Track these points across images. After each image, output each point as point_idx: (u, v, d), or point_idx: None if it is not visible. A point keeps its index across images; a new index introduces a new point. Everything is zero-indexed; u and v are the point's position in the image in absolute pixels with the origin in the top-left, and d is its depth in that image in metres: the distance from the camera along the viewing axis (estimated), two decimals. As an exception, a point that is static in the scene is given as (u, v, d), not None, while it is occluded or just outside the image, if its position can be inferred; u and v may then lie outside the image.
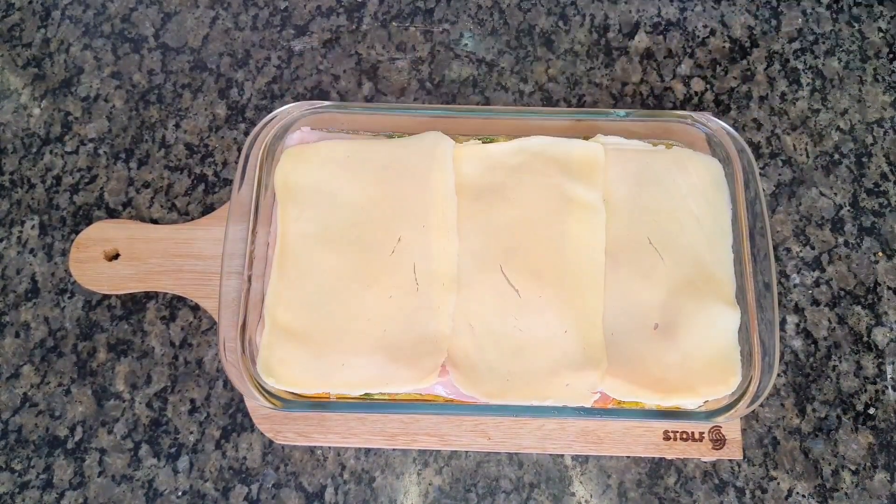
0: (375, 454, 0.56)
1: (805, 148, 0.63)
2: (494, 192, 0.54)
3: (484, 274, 0.52)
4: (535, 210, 0.53)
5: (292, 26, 0.68)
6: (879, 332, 0.58)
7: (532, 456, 0.55)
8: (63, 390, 0.58)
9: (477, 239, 0.53)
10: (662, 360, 0.50)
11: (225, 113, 0.65)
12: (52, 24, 0.69)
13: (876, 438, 0.55)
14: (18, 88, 0.67)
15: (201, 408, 0.57)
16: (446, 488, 0.55)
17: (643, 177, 0.54)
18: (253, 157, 0.53)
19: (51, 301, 0.60)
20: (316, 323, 0.51)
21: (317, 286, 0.52)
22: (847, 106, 0.65)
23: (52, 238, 0.62)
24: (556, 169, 0.54)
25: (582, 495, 0.55)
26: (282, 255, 0.53)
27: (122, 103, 0.66)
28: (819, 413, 0.56)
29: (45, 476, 0.56)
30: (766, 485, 0.55)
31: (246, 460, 0.56)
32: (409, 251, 0.52)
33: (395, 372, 0.49)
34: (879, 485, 0.54)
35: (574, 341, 0.50)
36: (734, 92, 0.65)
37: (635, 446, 0.54)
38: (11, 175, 0.64)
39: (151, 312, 0.60)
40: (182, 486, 0.55)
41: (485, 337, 0.51)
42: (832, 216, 0.61)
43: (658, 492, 0.54)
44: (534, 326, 0.51)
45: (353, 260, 0.52)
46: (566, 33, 0.68)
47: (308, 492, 0.55)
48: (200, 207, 0.63)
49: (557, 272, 0.51)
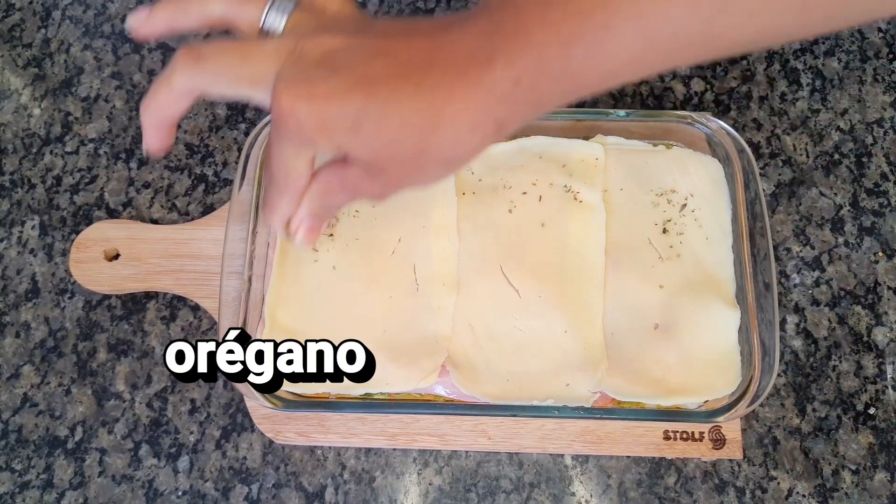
0: (375, 454, 0.56)
1: (805, 148, 0.63)
2: (494, 192, 0.54)
3: (484, 274, 0.52)
4: (535, 210, 0.53)
5: (292, 26, 0.68)
6: (879, 331, 0.58)
7: (532, 456, 0.55)
8: (63, 390, 0.58)
9: (477, 239, 0.53)
10: (662, 360, 0.50)
11: (225, 113, 0.66)
12: (53, 24, 0.69)
13: (876, 438, 0.55)
14: (19, 89, 0.67)
15: (201, 408, 0.57)
16: (446, 488, 0.55)
17: (643, 177, 0.54)
18: (253, 157, 0.53)
19: (51, 301, 0.60)
20: (316, 323, 0.51)
21: (317, 286, 0.52)
22: (847, 106, 0.65)
23: (52, 238, 0.62)
24: (556, 169, 0.54)
25: (582, 495, 0.55)
26: (282, 255, 0.53)
27: (122, 103, 0.66)
28: (819, 413, 0.56)
29: (45, 476, 0.56)
30: (766, 485, 0.55)
31: (246, 460, 0.56)
32: (409, 251, 0.52)
33: (395, 372, 0.49)
34: (879, 485, 0.54)
35: (574, 341, 0.50)
36: (734, 92, 0.65)
37: (635, 446, 0.54)
38: (12, 175, 0.64)
39: (151, 312, 0.60)
40: (182, 486, 0.55)
41: (485, 337, 0.51)
42: (832, 216, 0.61)
43: (658, 492, 0.54)
44: (534, 326, 0.51)
45: (353, 260, 0.52)
46: (566, 33, 0.68)
47: (308, 492, 0.55)
48: (200, 207, 0.63)
49: (557, 272, 0.51)
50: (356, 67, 0.31)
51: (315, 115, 0.31)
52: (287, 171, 0.34)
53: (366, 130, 0.31)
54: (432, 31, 0.32)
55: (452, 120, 0.31)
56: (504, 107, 0.31)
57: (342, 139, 0.31)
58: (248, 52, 0.34)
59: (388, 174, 0.34)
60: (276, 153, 0.34)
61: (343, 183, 0.35)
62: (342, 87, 0.30)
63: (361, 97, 0.30)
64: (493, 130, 0.32)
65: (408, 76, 0.30)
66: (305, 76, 0.31)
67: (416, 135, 0.31)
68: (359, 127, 0.31)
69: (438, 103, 0.30)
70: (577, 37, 0.29)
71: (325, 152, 0.33)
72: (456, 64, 0.30)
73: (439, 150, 0.32)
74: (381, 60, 0.31)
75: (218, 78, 0.34)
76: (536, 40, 0.30)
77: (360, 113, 0.30)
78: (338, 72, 0.31)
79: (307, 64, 0.32)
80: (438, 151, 0.32)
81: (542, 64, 0.30)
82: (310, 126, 0.31)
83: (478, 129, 0.31)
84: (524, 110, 0.32)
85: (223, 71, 0.34)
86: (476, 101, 0.30)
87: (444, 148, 0.32)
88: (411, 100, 0.30)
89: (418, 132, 0.31)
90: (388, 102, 0.30)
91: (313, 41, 0.32)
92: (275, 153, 0.34)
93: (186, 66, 0.34)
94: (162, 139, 0.37)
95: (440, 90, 0.30)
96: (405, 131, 0.31)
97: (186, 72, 0.34)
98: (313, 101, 0.30)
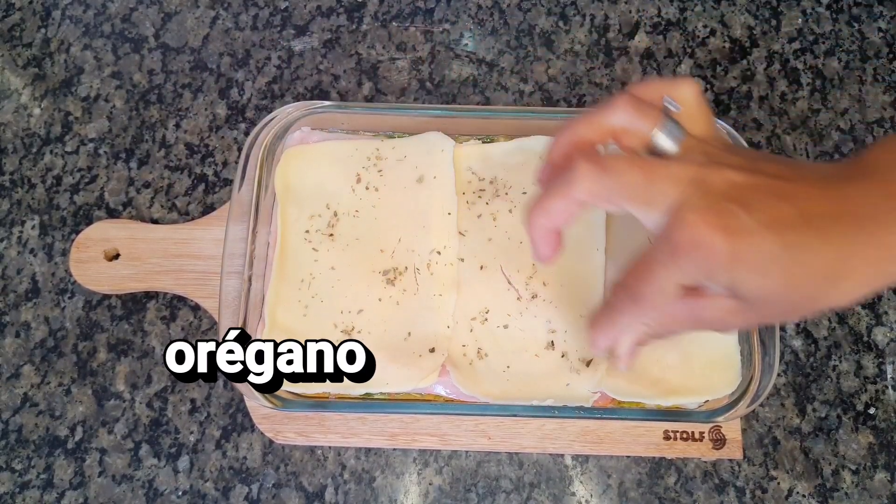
0: (376, 454, 0.56)
1: (805, 148, 0.63)
2: (495, 192, 0.54)
3: (484, 274, 0.52)
4: (536, 210, 0.53)
5: (292, 26, 0.68)
6: (879, 331, 0.58)
7: (532, 456, 0.55)
8: (63, 390, 0.58)
9: (477, 239, 0.53)
10: (662, 360, 0.50)
11: (225, 113, 0.66)
12: (53, 24, 0.69)
13: (876, 438, 0.55)
14: (19, 88, 0.67)
15: (201, 408, 0.57)
16: (446, 488, 0.55)
17: (643, 177, 0.54)
18: (253, 157, 0.53)
19: (51, 301, 0.60)
20: (316, 323, 0.51)
21: (317, 286, 0.52)
22: (847, 106, 0.65)
23: (52, 238, 0.62)
24: (556, 169, 0.54)
25: (582, 495, 0.55)
26: (282, 255, 0.53)
27: (122, 103, 0.66)
28: (819, 413, 0.56)
29: (45, 476, 0.56)
30: (767, 484, 0.55)
31: (246, 460, 0.56)
32: (409, 251, 0.52)
33: (395, 372, 0.49)
34: (879, 484, 0.54)
35: (574, 341, 0.50)
36: (734, 92, 0.65)
37: (635, 446, 0.54)
38: (12, 175, 0.64)
39: (152, 312, 0.60)
40: (182, 485, 0.55)
41: (485, 337, 0.51)
42: (832, 216, 0.61)
43: (658, 492, 0.54)
44: (534, 326, 0.51)
45: (353, 260, 0.52)
46: (566, 33, 0.68)
47: (308, 492, 0.55)
48: (200, 207, 0.63)
49: (557, 272, 0.51)
50: (765, 209, 0.32)
51: (729, 249, 0.31)
52: (660, 294, 0.34)
53: (773, 272, 0.31)
54: (826, 181, 0.33)
55: (853, 273, 0.31)
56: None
57: (743, 276, 0.32)
58: (653, 173, 0.34)
59: (761, 312, 0.34)
60: (656, 275, 0.34)
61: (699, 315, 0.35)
62: (755, 226, 0.31)
63: (775, 239, 0.31)
64: (881, 286, 0.32)
65: (813, 224, 0.31)
66: (718, 209, 0.32)
67: (816, 283, 0.32)
68: (767, 268, 0.31)
69: (844, 255, 0.31)
70: None
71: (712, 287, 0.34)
72: (858, 219, 0.31)
73: (829, 300, 0.32)
74: (786, 204, 0.32)
75: (618, 193, 0.34)
76: None
77: (772, 254, 0.31)
78: (749, 210, 0.31)
79: (717, 197, 0.32)
80: (828, 301, 0.32)
81: None
82: (720, 258, 0.31)
83: (871, 284, 0.32)
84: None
85: (625, 187, 0.34)
86: (876, 258, 0.31)
87: (835, 298, 0.32)
88: (820, 248, 0.31)
89: (820, 280, 0.31)
90: (797, 248, 0.31)
91: (718, 174, 0.33)
92: (655, 274, 0.34)
93: (592, 177, 0.34)
94: (553, 246, 0.38)
95: (846, 243, 0.31)
96: (807, 279, 0.31)
97: (591, 183, 0.34)
98: (729, 235, 0.31)
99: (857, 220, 0.32)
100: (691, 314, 0.35)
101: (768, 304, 0.33)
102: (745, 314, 0.34)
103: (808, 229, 0.31)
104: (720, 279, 0.32)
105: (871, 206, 0.32)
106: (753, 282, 0.32)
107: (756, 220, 0.31)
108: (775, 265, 0.31)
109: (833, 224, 0.31)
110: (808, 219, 0.31)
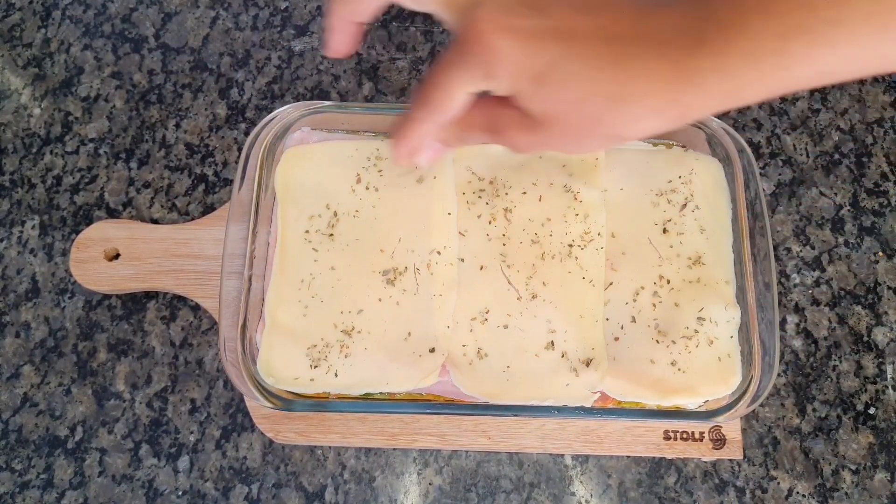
0: (375, 454, 0.56)
1: (805, 148, 0.63)
2: (494, 192, 0.54)
3: (484, 274, 0.52)
4: (536, 210, 0.53)
5: (292, 26, 0.68)
6: (879, 331, 0.58)
7: (532, 456, 0.55)
8: (63, 390, 0.58)
9: (477, 239, 0.53)
10: (662, 360, 0.50)
11: (225, 113, 0.66)
12: (53, 24, 0.69)
13: (876, 438, 0.55)
14: (19, 88, 0.67)
15: (201, 408, 0.57)
16: (446, 488, 0.55)
17: (643, 177, 0.54)
18: (253, 157, 0.53)
19: (51, 301, 0.60)
20: (316, 323, 0.51)
21: (317, 286, 0.52)
22: (847, 106, 0.65)
23: (52, 238, 0.62)
24: (556, 169, 0.54)
25: (582, 495, 0.55)
26: (282, 255, 0.53)
27: (122, 103, 0.66)
28: (819, 413, 0.56)
29: (45, 476, 0.56)
30: (767, 484, 0.55)
31: (246, 460, 0.56)
32: (409, 251, 0.52)
33: (395, 372, 0.49)
34: (879, 485, 0.54)
35: (574, 341, 0.50)
36: (734, 92, 0.65)
37: (635, 446, 0.54)
38: (12, 175, 0.64)
39: (152, 312, 0.60)
40: (182, 485, 0.55)
41: (485, 337, 0.51)
42: (832, 216, 0.61)
43: (658, 491, 0.54)
44: (534, 326, 0.51)
45: (353, 260, 0.52)
46: (566, 33, 0.68)
47: (308, 491, 0.55)
48: (200, 207, 0.63)
49: (557, 272, 0.51)
50: (562, 17, 0.30)
51: (512, 51, 0.30)
52: (447, 96, 0.33)
53: (552, 82, 0.30)
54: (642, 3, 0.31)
55: (641, 97, 0.30)
56: (696, 95, 0.30)
57: (523, 83, 0.30)
58: None
59: (548, 132, 0.33)
60: (443, 75, 0.33)
61: (493, 124, 0.34)
62: (545, 31, 0.30)
63: (561, 47, 0.29)
64: (674, 117, 0.31)
65: (608, 42, 0.30)
66: (509, 9, 0.30)
67: (599, 102, 0.30)
68: (547, 76, 0.30)
69: (632, 77, 0.29)
70: (802, 30, 0.27)
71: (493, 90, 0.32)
72: (659, 43, 0.29)
73: (614, 124, 0.31)
74: (586, 18, 0.30)
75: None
76: (753, 31, 0.28)
77: (554, 63, 0.29)
78: (543, 15, 0.30)
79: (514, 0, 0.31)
80: (613, 125, 0.31)
81: (754, 56, 0.28)
82: (502, 59, 0.30)
83: (661, 113, 0.30)
84: (716, 102, 0.31)
85: None
86: (669, 84, 0.29)
87: (621, 123, 0.31)
88: (607, 66, 0.29)
89: (603, 100, 0.30)
90: (583, 61, 0.29)
91: None
92: (442, 75, 0.33)
93: None
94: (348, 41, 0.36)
95: (637, 65, 0.29)
96: (590, 96, 0.30)
97: None
98: (514, 37, 0.30)
99: (658, 43, 0.29)
100: (485, 122, 0.34)
101: (548, 120, 0.32)
102: (533, 133, 0.33)
103: (602, 46, 0.30)
104: (502, 83, 0.31)
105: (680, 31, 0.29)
106: (534, 91, 0.30)
107: (547, 25, 0.30)
108: (557, 75, 0.30)
109: (629, 44, 0.29)
110: (605, 36, 0.30)
